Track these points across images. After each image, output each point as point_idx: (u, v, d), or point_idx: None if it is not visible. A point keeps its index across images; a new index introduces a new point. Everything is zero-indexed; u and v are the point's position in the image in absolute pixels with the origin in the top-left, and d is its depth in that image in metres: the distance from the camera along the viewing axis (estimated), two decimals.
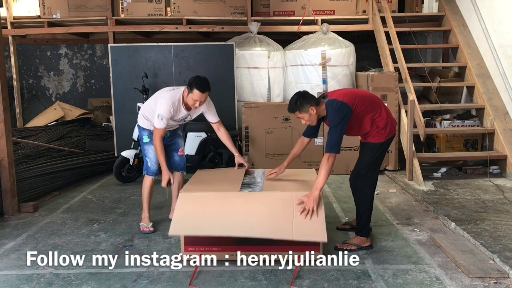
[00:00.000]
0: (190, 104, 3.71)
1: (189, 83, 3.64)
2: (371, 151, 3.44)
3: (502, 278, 2.93)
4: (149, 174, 3.99)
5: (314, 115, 3.34)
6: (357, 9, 7.19)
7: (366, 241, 3.51)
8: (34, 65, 8.95)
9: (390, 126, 3.42)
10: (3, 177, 4.41)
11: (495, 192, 4.83)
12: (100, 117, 7.89)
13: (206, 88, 3.63)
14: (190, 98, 3.65)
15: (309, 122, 3.40)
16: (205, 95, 3.66)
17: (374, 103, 3.41)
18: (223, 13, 7.07)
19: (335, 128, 3.24)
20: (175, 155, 4.11)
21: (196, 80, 3.63)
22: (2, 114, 4.36)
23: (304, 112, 3.33)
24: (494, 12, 6.01)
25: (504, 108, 5.82)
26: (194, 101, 3.64)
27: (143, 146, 4.00)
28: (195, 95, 3.61)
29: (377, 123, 3.38)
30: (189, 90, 3.64)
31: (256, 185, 3.75)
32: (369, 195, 3.50)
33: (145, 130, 3.97)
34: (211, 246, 3.24)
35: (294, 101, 3.35)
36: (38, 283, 2.99)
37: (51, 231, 3.98)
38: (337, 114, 3.24)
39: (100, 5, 7.09)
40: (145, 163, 4.01)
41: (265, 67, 6.53)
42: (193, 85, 3.61)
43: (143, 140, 3.98)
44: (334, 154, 3.24)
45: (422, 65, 6.86)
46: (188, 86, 3.66)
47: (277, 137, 5.94)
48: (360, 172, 3.48)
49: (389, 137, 3.45)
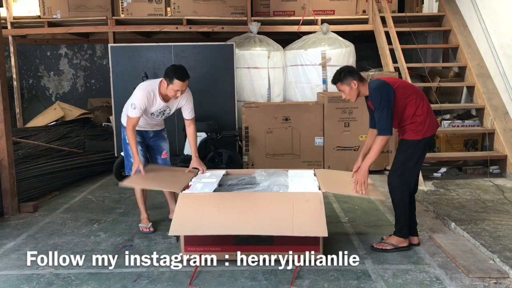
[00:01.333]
0: (171, 95, 3.59)
1: (166, 74, 3.54)
2: (407, 149, 3.34)
3: (502, 278, 2.93)
4: None
5: (355, 89, 3.28)
6: (357, 9, 7.19)
7: (404, 241, 3.43)
8: (34, 65, 8.95)
9: (429, 123, 3.30)
10: (3, 177, 4.41)
11: (495, 192, 4.83)
12: (100, 117, 7.89)
13: (185, 76, 3.53)
14: (171, 89, 3.54)
15: (349, 97, 3.33)
16: (186, 84, 3.55)
17: (418, 94, 3.32)
18: (223, 13, 7.07)
19: (380, 108, 3.17)
20: (159, 158, 4.00)
21: (174, 70, 3.52)
22: (2, 114, 4.36)
23: (346, 85, 3.28)
24: (494, 12, 6.01)
25: (504, 108, 5.82)
26: (175, 91, 3.54)
27: (126, 146, 3.84)
28: (175, 85, 3.50)
29: (417, 117, 3.27)
30: (168, 81, 3.52)
31: (256, 185, 3.75)
32: (406, 195, 3.39)
33: None
34: (211, 246, 3.25)
35: (338, 72, 3.32)
36: (38, 283, 2.99)
37: (51, 231, 3.98)
38: (379, 91, 3.19)
39: (100, 5, 7.09)
40: (129, 163, 3.85)
41: (265, 67, 6.53)
42: (171, 75, 3.50)
43: (126, 140, 3.83)
44: (387, 136, 3.20)
45: (422, 65, 6.86)
46: (165, 77, 3.55)
47: (277, 137, 5.93)
48: (396, 172, 3.38)
49: (428, 135, 3.32)
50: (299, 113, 5.92)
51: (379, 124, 3.20)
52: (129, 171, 3.82)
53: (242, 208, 3.23)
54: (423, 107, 3.29)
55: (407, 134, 3.33)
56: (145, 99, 3.58)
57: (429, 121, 3.31)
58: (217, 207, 3.23)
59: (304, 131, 5.92)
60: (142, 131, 3.87)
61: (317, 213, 3.13)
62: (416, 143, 3.31)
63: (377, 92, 3.20)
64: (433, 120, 3.37)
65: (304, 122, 5.90)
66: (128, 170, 3.87)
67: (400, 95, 3.24)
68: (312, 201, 3.23)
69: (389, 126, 3.19)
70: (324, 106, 5.88)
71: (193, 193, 3.42)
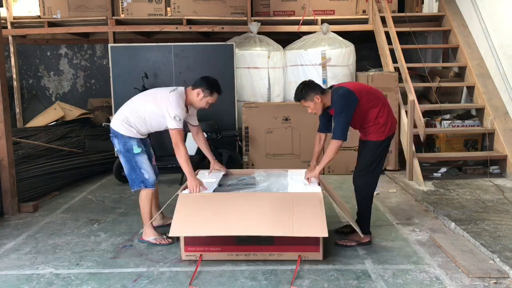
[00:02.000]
0: (201, 106, 3.55)
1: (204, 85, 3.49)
2: (371, 150, 3.45)
3: (502, 278, 2.93)
4: (149, 187, 3.59)
5: (319, 103, 3.40)
6: (357, 9, 7.19)
7: (366, 237, 3.54)
8: (34, 65, 8.94)
9: (390, 124, 3.46)
10: (3, 177, 4.41)
11: (495, 192, 4.83)
12: (100, 117, 7.88)
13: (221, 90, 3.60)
14: (206, 101, 3.51)
15: (315, 111, 3.46)
16: None
17: (379, 99, 3.45)
18: (223, 13, 7.07)
19: (340, 115, 3.29)
20: None
21: (214, 83, 3.52)
22: (2, 114, 4.36)
23: (309, 101, 3.40)
24: (494, 12, 6.01)
25: (504, 108, 5.82)
26: (209, 104, 3.55)
27: (135, 158, 3.53)
28: (214, 98, 3.53)
29: (379, 119, 3.40)
30: (207, 93, 3.48)
31: (256, 185, 3.75)
32: (370, 193, 3.55)
33: (132, 139, 3.53)
34: (211, 246, 3.25)
35: (299, 89, 3.43)
36: (38, 283, 2.99)
37: (51, 231, 3.98)
38: (342, 99, 3.30)
39: (100, 5, 7.08)
40: (139, 176, 3.55)
41: (265, 67, 6.53)
42: (211, 88, 3.49)
43: (133, 151, 3.52)
44: (340, 140, 3.31)
45: (422, 65, 6.86)
46: (202, 88, 3.48)
47: (277, 137, 5.93)
48: (362, 172, 3.50)
49: (389, 134, 3.47)
50: (299, 113, 5.91)
51: (336, 129, 3.32)
52: (140, 185, 3.58)
53: (242, 208, 3.24)
54: (384, 110, 3.43)
55: (371, 135, 3.45)
56: (184, 111, 3.49)
57: (390, 123, 3.46)
58: (217, 208, 3.23)
59: (304, 131, 5.92)
60: (144, 140, 3.70)
61: (317, 213, 3.13)
62: (380, 143, 3.45)
63: (341, 100, 3.31)
64: (393, 122, 3.53)
65: (304, 122, 5.90)
66: (139, 183, 3.57)
67: (364, 101, 3.36)
68: (312, 201, 3.23)
69: (345, 132, 3.32)
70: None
71: (193, 194, 3.42)
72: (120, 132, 3.54)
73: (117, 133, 3.56)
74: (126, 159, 3.58)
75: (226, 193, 3.52)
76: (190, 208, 3.27)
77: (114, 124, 3.59)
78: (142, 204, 3.63)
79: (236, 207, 3.25)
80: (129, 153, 3.55)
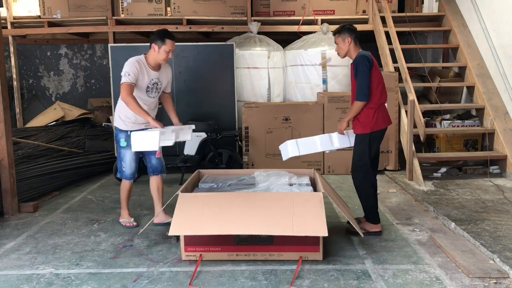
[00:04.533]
0: (162, 58, 3.72)
1: (155, 39, 3.70)
2: (359, 143, 3.66)
3: (502, 278, 2.93)
4: (123, 178, 3.97)
5: (347, 46, 3.62)
6: (357, 9, 7.19)
7: (375, 226, 3.73)
8: (34, 65, 8.95)
9: (377, 118, 3.58)
10: (3, 177, 4.41)
11: (495, 192, 4.83)
12: (100, 117, 7.89)
13: (174, 35, 3.79)
14: (163, 51, 3.69)
15: (339, 50, 3.69)
16: (175, 43, 3.77)
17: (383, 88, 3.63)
18: (223, 13, 7.07)
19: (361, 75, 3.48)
20: (153, 158, 3.96)
21: (163, 32, 3.74)
22: (2, 114, 4.36)
23: (341, 38, 3.63)
24: (494, 12, 6.01)
25: (504, 108, 5.82)
26: (167, 52, 3.71)
27: (120, 149, 3.91)
28: (168, 45, 3.69)
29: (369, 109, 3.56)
30: (160, 43, 3.69)
31: (256, 185, 3.75)
32: (367, 185, 3.69)
33: (122, 132, 3.86)
34: (211, 246, 3.25)
35: (341, 26, 3.67)
36: (38, 283, 2.99)
37: (51, 231, 3.98)
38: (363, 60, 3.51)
39: (100, 5, 7.08)
40: (119, 166, 3.96)
41: (265, 67, 6.53)
42: (161, 36, 3.69)
43: (119, 143, 3.89)
44: (363, 102, 3.51)
45: (422, 65, 6.86)
46: (155, 41, 3.70)
47: (277, 137, 5.92)
48: (357, 166, 3.70)
49: (376, 129, 3.60)
50: (299, 113, 5.92)
51: (358, 90, 3.51)
52: (118, 174, 4.03)
53: (242, 208, 3.24)
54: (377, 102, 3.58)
55: (356, 128, 3.66)
56: (137, 65, 3.68)
57: (377, 116, 3.58)
58: (217, 207, 3.23)
59: (304, 131, 5.91)
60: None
61: (317, 213, 3.13)
62: (364, 137, 3.60)
63: (362, 60, 3.52)
64: (383, 116, 3.64)
65: (304, 122, 5.90)
66: (118, 173, 4.02)
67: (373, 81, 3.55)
68: (312, 201, 3.24)
69: (367, 92, 3.49)
70: (324, 106, 5.89)
71: (193, 193, 3.42)
72: (115, 125, 3.95)
73: (115, 126, 3.96)
74: (117, 150, 4.00)
75: (226, 193, 3.53)
76: (190, 207, 3.27)
77: (114, 118, 4.00)
78: (121, 191, 4.05)
79: (236, 207, 3.25)
80: (117, 144, 3.95)
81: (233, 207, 3.25)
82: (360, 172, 3.68)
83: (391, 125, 5.75)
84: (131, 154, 3.87)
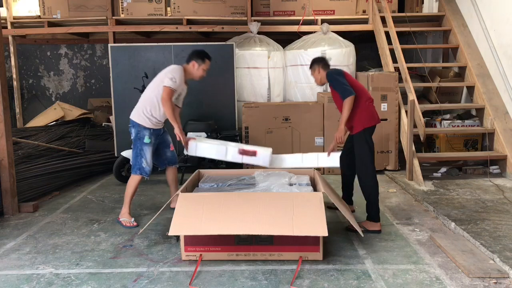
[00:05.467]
0: (199, 75, 4.01)
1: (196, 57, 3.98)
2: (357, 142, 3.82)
3: (502, 278, 2.93)
4: (143, 174, 4.03)
5: (318, 75, 3.96)
6: (357, 9, 7.19)
7: (375, 225, 3.80)
8: (34, 65, 8.95)
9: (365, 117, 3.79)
10: (3, 177, 4.41)
11: (495, 192, 4.83)
12: (100, 117, 7.89)
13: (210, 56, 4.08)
14: (201, 69, 4.00)
15: (315, 80, 4.03)
16: None
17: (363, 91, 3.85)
18: (223, 13, 7.07)
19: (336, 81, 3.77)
20: (167, 151, 4.25)
21: (203, 52, 4.02)
22: (2, 114, 4.36)
23: (312, 70, 4.01)
24: (494, 12, 6.01)
25: (504, 108, 5.82)
26: (204, 70, 4.02)
27: (142, 146, 4.00)
28: (206, 64, 4.01)
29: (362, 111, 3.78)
30: (200, 62, 3.98)
31: (256, 185, 3.75)
32: (373, 183, 3.80)
33: (146, 129, 4.00)
34: (211, 246, 3.25)
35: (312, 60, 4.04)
36: (38, 283, 2.99)
37: (51, 231, 3.98)
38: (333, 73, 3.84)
39: (100, 5, 7.09)
40: (138, 163, 4.02)
41: (265, 67, 6.53)
42: (202, 56, 3.98)
43: (143, 140, 3.99)
44: (349, 97, 3.68)
45: (422, 65, 6.86)
46: (196, 59, 3.98)
47: (277, 137, 5.93)
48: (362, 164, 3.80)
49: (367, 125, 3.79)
50: (299, 113, 5.92)
51: (341, 93, 3.72)
52: (137, 171, 4.02)
53: (242, 208, 3.24)
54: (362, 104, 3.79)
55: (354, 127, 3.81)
56: (182, 75, 3.94)
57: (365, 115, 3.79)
58: (217, 207, 3.23)
59: (304, 131, 5.92)
60: (156, 130, 4.06)
61: (317, 213, 3.13)
62: (360, 134, 3.79)
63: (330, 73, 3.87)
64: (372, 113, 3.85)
65: (304, 122, 5.90)
66: (136, 169, 4.03)
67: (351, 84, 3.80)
68: (312, 201, 3.23)
69: (349, 89, 3.70)
70: (324, 106, 5.88)
71: (193, 193, 3.42)
72: (137, 122, 3.99)
73: (134, 123, 4.01)
74: (135, 146, 4.03)
75: (226, 193, 3.52)
76: (190, 207, 3.27)
77: (133, 115, 4.03)
78: (128, 186, 4.06)
79: (236, 207, 3.25)
80: (139, 141, 3.99)
81: (233, 207, 3.25)
82: (366, 169, 3.79)
83: (391, 125, 5.85)
84: (151, 151, 4.05)
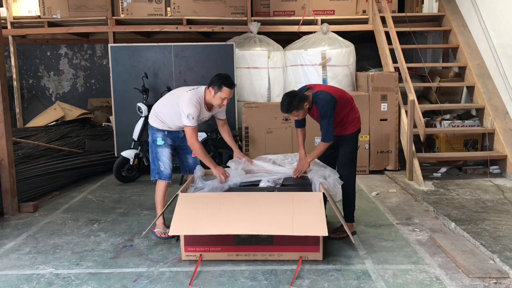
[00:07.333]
0: (217, 104, 3.61)
1: (213, 82, 3.56)
2: (349, 141, 3.77)
3: (502, 278, 2.93)
4: (163, 179, 3.80)
5: (307, 109, 3.65)
6: (357, 9, 7.19)
7: (352, 226, 3.80)
8: (34, 65, 8.95)
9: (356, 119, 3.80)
10: (3, 177, 4.41)
11: (495, 192, 4.83)
12: (100, 117, 7.89)
13: (233, 83, 3.66)
14: (218, 97, 3.57)
15: (303, 116, 3.73)
16: (232, 91, 3.63)
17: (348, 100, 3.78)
18: (223, 13, 7.07)
19: (328, 118, 3.56)
20: (189, 157, 3.98)
21: (222, 78, 3.56)
22: (2, 114, 4.36)
23: (300, 109, 3.60)
24: (494, 12, 6.01)
25: (504, 108, 5.82)
26: (223, 99, 3.58)
27: (156, 148, 3.79)
28: (224, 92, 3.54)
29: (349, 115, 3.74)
30: (216, 89, 3.54)
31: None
32: (354, 183, 3.82)
33: (159, 131, 3.79)
34: (211, 246, 3.25)
35: (288, 102, 3.56)
36: (38, 283, 2.99)
37: (51, 231, 3.98)
38: (328, 104, 3.55)
39: (100, 5, 7.08)
40: (156, 167, 3.80)
41: (265, 67, 6.53)
42: (220, 82, 3.53)
43: (156, 143, 3.78)
44: (329, 143, 3.64)
45: (422, 65, 6.86)
46: (213, 85, 3.57)
47: (277, 137, 5.93)
48: (347, 163, 3.76)
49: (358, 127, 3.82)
50: None
51: (324, 132, 3.61)
52: (155, 175, 3.82)
53: (242, 208, 3.24)
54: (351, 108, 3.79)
55: (348, 129, 3.75)
56: (198, 107, 3.59)
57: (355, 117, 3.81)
58: (217, 207, 3.23)
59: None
60: (173, 132, 3.83)
61: (317, 213, 3.13)
62: (354, 135, 3.80)
63: (326, 104, 3.55)
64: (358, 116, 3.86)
65: None
66: (155, 174, 3.82)
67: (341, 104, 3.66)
68: (312, 201, 3.23)
69: (332, 134, 3.62)
70: None
71: (193, 193, 3.42)
72: (151, 125, 3.85)
73: (150, 126, 3.87)
74: (151, 149, 3.87)
75: (226, 193, 3.52)
76: (190, 207, 3.27)
77: (149, 117, 3.90)
78: (156, 194, 3.85)
79: (236, 207, 3.25)
80: (154, 143, 3.82)
81: (233, 207, 3.25)
82: (349, 169, 3.75)
83: (391, 125, 5.86)
84: (168, 153, 3.81)
